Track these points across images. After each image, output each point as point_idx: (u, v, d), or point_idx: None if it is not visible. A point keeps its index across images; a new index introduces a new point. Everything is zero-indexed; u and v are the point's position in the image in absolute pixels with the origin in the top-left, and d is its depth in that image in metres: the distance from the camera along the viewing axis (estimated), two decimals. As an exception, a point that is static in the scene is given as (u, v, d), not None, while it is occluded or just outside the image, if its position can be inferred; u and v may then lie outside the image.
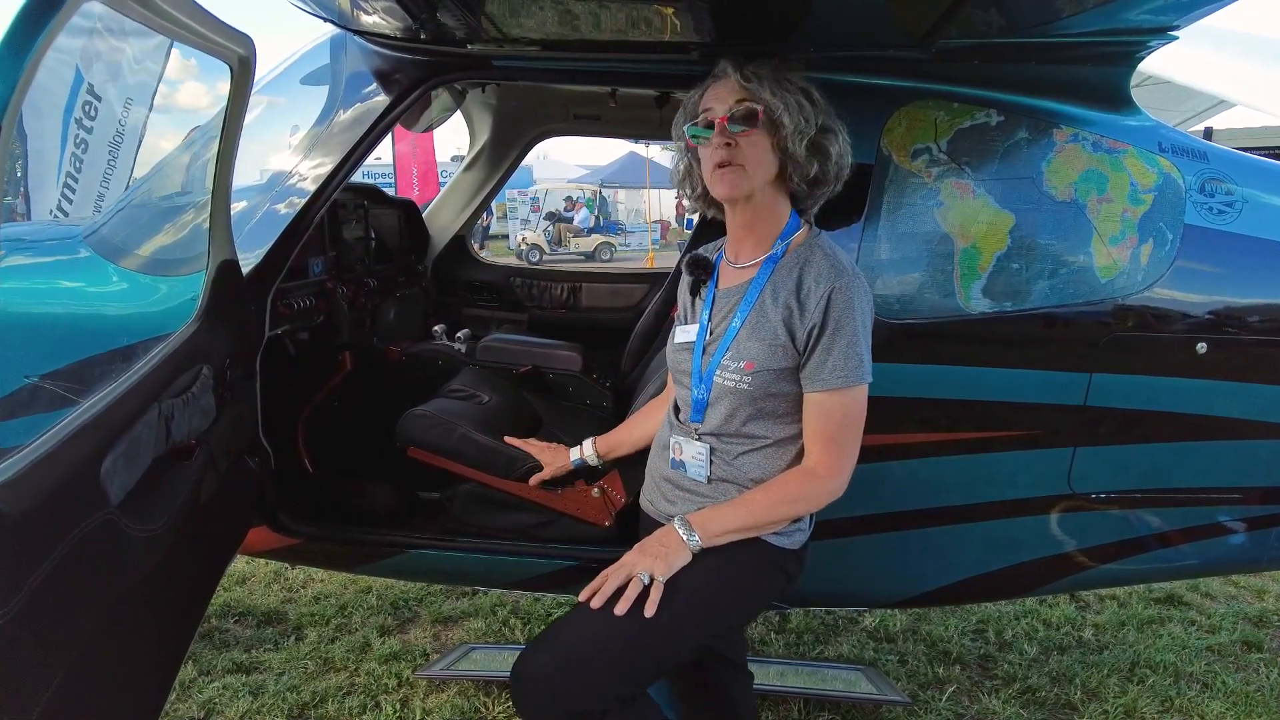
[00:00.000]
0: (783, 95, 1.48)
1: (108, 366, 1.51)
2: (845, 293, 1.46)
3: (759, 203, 1.55)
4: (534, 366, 2.69)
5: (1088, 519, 2.09)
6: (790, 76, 1.51)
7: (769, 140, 1.49)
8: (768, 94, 1.48)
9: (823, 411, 1.49)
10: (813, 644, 3.01)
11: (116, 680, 1.34)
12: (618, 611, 1.40)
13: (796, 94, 1.50)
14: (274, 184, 2.21)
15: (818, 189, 1.56)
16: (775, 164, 1.51)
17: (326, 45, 2.38)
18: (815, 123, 1.50)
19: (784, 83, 1.49)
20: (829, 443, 1.50)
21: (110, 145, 5.63)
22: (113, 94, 5.48)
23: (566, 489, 2.14)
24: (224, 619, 3.08)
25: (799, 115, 1.48)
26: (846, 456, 1.51)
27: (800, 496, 1.51)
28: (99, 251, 2.12)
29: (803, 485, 1.51)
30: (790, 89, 1.49)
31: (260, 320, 2.09)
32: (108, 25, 1.50)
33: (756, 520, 1.52)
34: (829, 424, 1.49)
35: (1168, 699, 2.68)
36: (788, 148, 1.49)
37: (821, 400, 1.49)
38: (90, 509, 1.22)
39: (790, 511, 1.53)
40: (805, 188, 1.55)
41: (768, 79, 1.49)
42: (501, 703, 2.55)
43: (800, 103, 1.49)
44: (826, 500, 1.53)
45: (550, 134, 4.01)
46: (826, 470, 1.50)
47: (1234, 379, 1.99)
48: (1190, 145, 2.01)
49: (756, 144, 1.49)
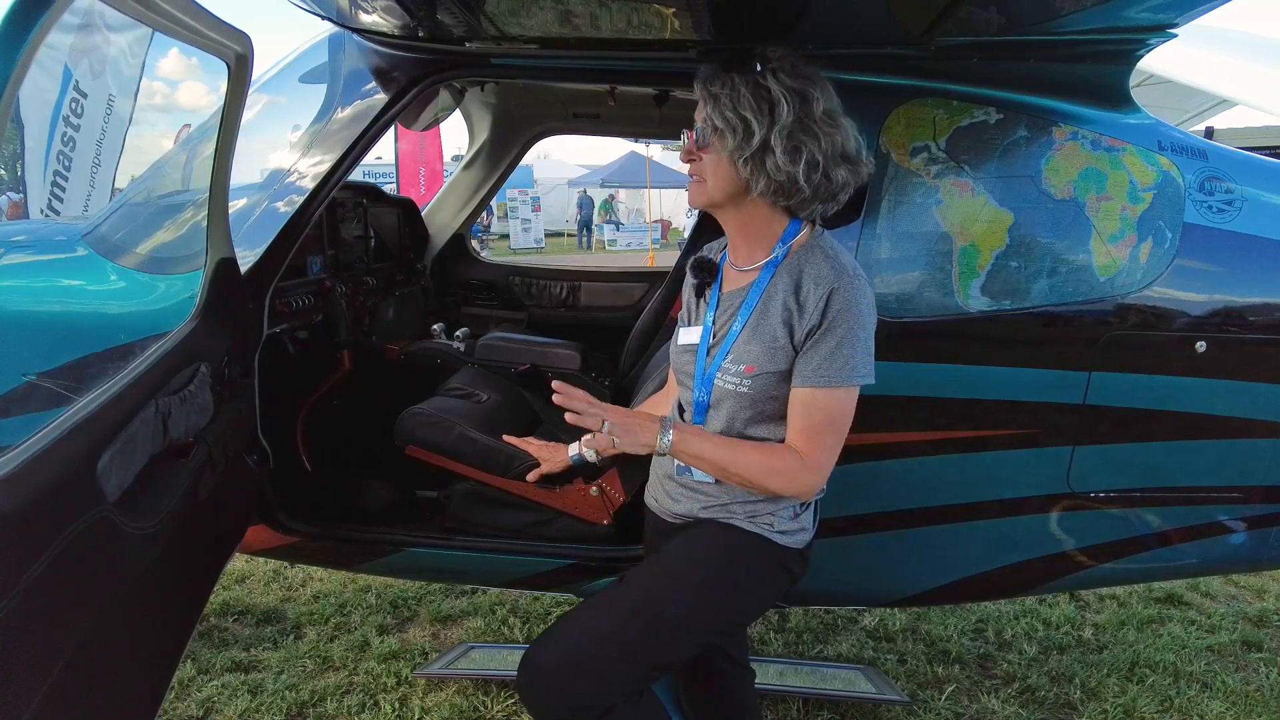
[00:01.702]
0: (729, 113, 1.44)
1: (106, 365, 1.50)
2: (844, 294, 1.45)
3: (743, 212, 1.54)
4: (533, 365, 2.69)
5: (1087, 518, 2.09)
6: (759, 83, 1.45)
7: (725, 155, 1.48)
8: (714, 111, 1.46)
9: (805, 408, 1.48)
10: (812, 643, 3.01)
11: (112, 678, 1.33)
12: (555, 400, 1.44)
13: (748, 109, 1.43)
14: (272, 182, 2.21)
15: (790, 199, 1.50)
16: (735, 178, 1.49)
17: (325, 43, 2.38)
18: (757, 140, 1.43)
19: (739, 95, 1.44)
20: (810, 437, 1.47)
21: (96, 144, 5.64)
22: (97, 91, 5.48)
23: (565, 487, 2.14)
24: (223, 617, 3.08)
25: (739, 135, 1.44)
26: (825, 456, 1.48)
27: (781, 471, 1.48)
28: (97, 250, 2.12)
29: (788, 463, 1.48)
30: (743, 103, 1.44)
31: (259, 318, 2.09)
32: (93, 19, 1.50)
33: (731, 467, 1.48)
34: (810, 420, 1.47)
35: (1167, 698, 2.68)
36: (736, 164, 1.47)
37: (804, 396, 1.47)
38: (86, 506, 1.21)
39: (763, 480, 1.48)
40: (771, 198, 1.50)
41: (723, 94, 1.45)
42: (500, 701, 2.55)
43: (746, 119, 1.43)
44: (799, 491, 1.51)
45: (549, 132, 4.01)
46: (806, 462, 1.48)
47: (1233, 377, 1.99)
48: (1190, 143, 2.01)
49: (712, 160, 1.50)
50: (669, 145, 24.20)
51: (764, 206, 1.53)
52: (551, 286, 4.02)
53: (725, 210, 1.56)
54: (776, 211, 1.54)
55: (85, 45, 4.86)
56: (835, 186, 1.49)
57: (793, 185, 1.46)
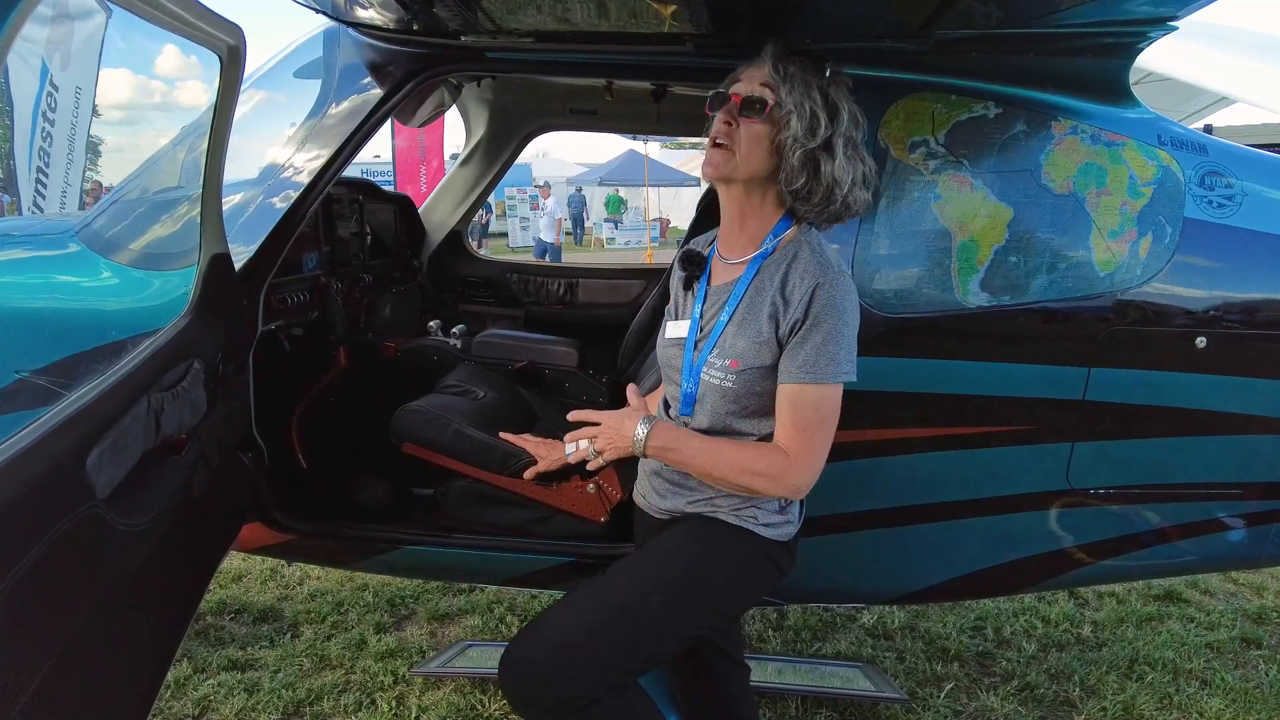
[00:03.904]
0: (802, 99, 1.44)
1: (98, 361, 1.49)
2: (828, 290, 1.44)
3: (749, 196, 1.53)
4: (530, 362, 2.68)
5: (1086, 515, 2.08)
6: (826, 86, 1.47)
7: (769, 136, 1.47)
8: (786, 92, 1.45)
9: (792, 404, 1.46)
10: (810, 641, 3.00)
11: (104, 676, 1.32)
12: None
13: (817, 104, 1.45)
14: (267, 177, 2.19)
15: (805, 204, 1.50)
16: (768, 162, 1.48)
17: (320, 38, 2.36)
18: (821, 137, 1.44)
19: (811, 88, 1.45)
20: (797, 435, 1.46)
21: (69, 138, 5.64)
22: (66, 83, 5.47)
23: (562, 484, 2.12)
24: (219, 616, 3.07)
25: (807, 124, 1.44)
26: (814, 455, 1.46)
27: (764, 472, 1.46)
28: (90, 246, 2.11)
29: (772, 463, 1.46)
30: (814, 97, 1.45)
31: (253, 315, 2.08)
32: (61, 9, 1.49)
33: (712, 467, 1.48)
34: (798, 417, 1.46)
35: (1166, 696, 2.67)
36: (784, 150, 1.46)
37: (791, 393, 1.46)
38: (75, 502, 1.20)
39: (745, 480, 1.47)
40: (790, 197, 1.50)
41: (798, 78, 1.45)
42: (498, 700, 2.54)
43: (816, 113, 1.44)
44: (786, 491, 1.49)
45: (547, 128, 4.00)
46: (794, 461, 1.46)
47: (1233, 373, 1.98)
48: (1190, 138, 2.00)
49: (755, 134, 1.47)
50: (667, 144, 24.08)
51: (773, 198, 1.53)
52: (549, 283, 4.01)
53: (736, 189, 1.54)
54: (780, 207, 1.54)
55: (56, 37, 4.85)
56: (855, 207, 1.52)
57: (829, 192, 1.47)
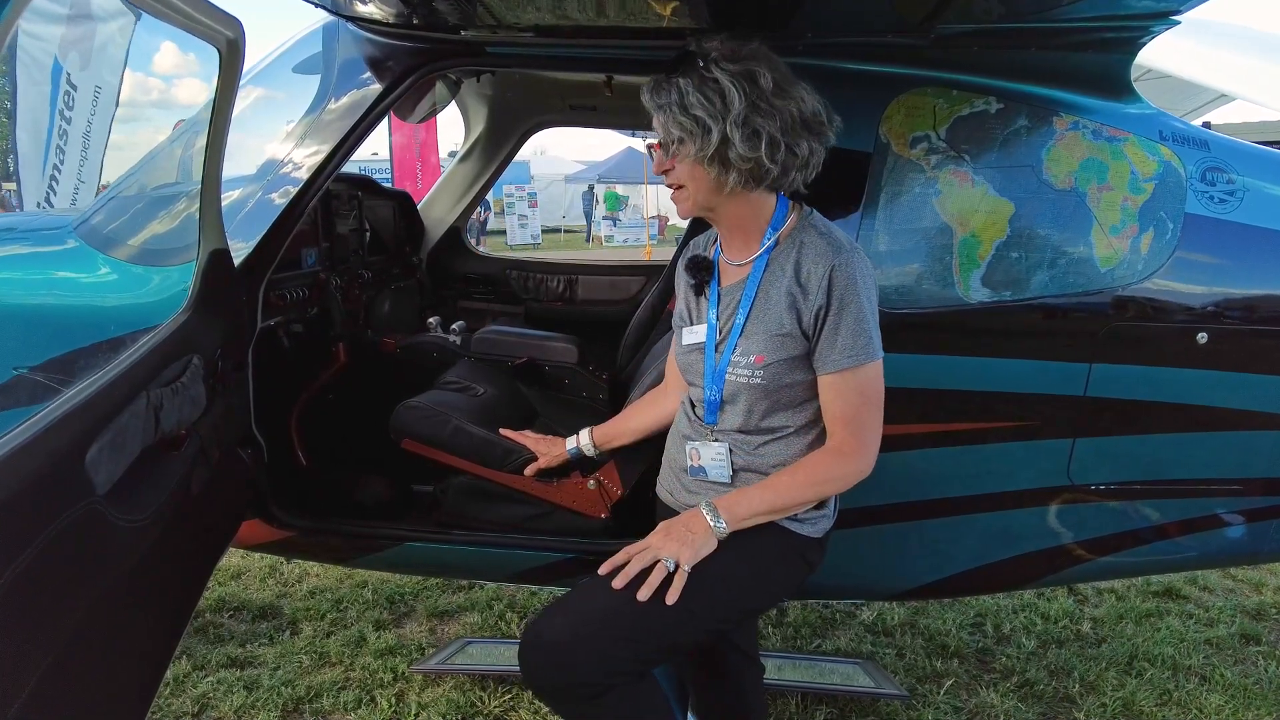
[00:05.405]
0: (682, 118, 1.43)
1: (97, 357, 1.49)
2: (845, 269, 1.45)
3: (730, 206, 1.53)
4: (530, 359, 2.67)
5: (1087, 511, 2.08)
6: (699, 85, 1.43)
7: (697, 162, 1.47)
8: (666, 122, 1.46)
9: (838, 394, 1.48)
10: (810, 637, 3.00)
11: (103, 673, 1.32)
12: (640, 597, 1.40)
13: (700, 108, 1.42)
14: (266, 173, 2.18)
15: (764, 182, 1.48)
16: (709, 177, 1.48)
17: (319, 33, 2.35)
18: (719, 132, 1.41)
19: (685, 98, 1.43)
20: (849, 423, 1.48)
21: (83, 136, 5.65)
22: (85, 82, 5.48)
23: (562, 481, 2.12)
24: (219, 613, 3.07)
25: (699, 135, 1.43)
26: (870, 435, 1.50)
27: (829, 478, 1.50)
28: (89, 242, 2.10)
29: (830, 466, 1.49)
30: (694, 103, 1.42)
31: (252, 310, 2.07)
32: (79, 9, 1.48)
33: (785, 503, 1.50)
34: (847, 406, 1.48)
35: (1166, 692, 2.67)
36: (711, 166, 1.46)
37: (835, 382, 1.47)
38: (74, 497, 1.20)
39: (818, 493, 1.51)
40: (754, 184, 1.49)
41: (673, 101, 1.44)
42: (498, 697, 2.54)
43: (700, 118, 1.42)
44: (855, 480, 1.51)
45: (546, 124, 3.99)
46: (852, 450, 1.49)
47: (1235, 369, 1.98)
48: (1191, 134, 1.99)
49: (686, 168, 1.49)
50: (666, 141, 24.18)
51: (746, 195, 1.52)
52: (548, 280, 4.00)
53: (714, 211, 1.56)
54: (761, 196, 1.53)
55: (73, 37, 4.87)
56: (803, 157, 1.48)
57: (760, 168, 1.45)
